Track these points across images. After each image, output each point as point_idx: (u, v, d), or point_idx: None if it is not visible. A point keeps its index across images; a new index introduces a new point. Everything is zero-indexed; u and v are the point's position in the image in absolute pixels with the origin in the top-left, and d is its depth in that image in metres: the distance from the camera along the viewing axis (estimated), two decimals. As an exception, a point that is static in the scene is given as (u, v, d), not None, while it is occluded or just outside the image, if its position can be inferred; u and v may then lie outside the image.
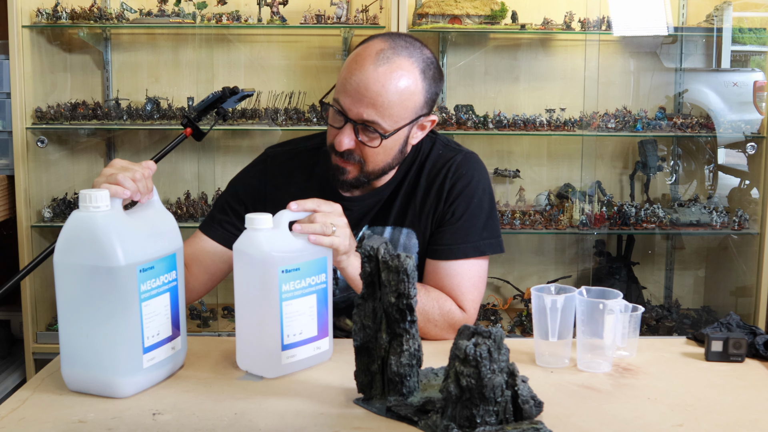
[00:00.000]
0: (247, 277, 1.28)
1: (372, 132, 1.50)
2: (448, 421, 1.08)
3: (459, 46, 3.16)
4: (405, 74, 1.48)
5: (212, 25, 2.97)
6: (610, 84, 3.15)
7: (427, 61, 1.53)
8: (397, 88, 1.47)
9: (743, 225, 2.97)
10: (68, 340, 1.22)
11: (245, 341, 1.32)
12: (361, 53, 1.50)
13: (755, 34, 3.03)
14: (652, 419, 1.16)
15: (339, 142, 1.50)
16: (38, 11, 2.87)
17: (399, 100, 1.48)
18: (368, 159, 1.53)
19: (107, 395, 1.22)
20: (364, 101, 1.47)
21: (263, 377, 1.30)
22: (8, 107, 2.83)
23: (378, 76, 1.46)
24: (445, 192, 1.61)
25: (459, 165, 1.63)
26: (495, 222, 1.64)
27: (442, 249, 1.60)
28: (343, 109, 1.49)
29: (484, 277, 1.63)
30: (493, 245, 1.63)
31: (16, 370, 3.05)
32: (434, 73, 1.54)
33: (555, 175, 3.25)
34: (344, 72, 1.50)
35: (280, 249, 1.28)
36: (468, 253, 1.59)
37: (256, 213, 1.29)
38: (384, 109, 1.47)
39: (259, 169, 1.70)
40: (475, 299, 1.60)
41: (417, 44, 1.54)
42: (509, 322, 3.11)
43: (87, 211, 1.19)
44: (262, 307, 1.28)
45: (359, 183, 1.58)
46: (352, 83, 1.47)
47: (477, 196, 1.62)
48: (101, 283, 1.18)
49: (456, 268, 1.59)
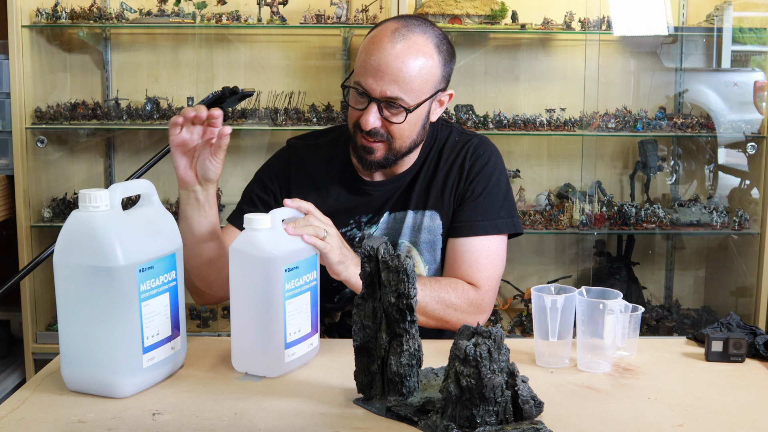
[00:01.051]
0: (248, 277, 1.28)
1: (396, 108, 1.55)
2: (448, 421, 1.07)
3: (459, 46, 3.16)
4: (422, 49, 1.54)
5: (212, 25, 2.97)
6: (610, 84, 3.15)
7: (440, 36, 1.60)
8: (416, 62, 1.53)
9: (743, 225, 2.97)
10: (68, 340, 1.22)
11: (244, 342, 1.31)
12: (377, 35, 1.55)
13: (755, 34, 3.03)
14: (652, 419, 1.16)
15: (365, 122, 1.55)
16: (38, 11, 2.87)
17: (419, 74, 1.53)
18: (395, 135, 1.58)
19: (107, 395, 1.21)
20: (386, 78, 1.52)
21: (264, 377, 1.30)
22: (8, 107, 2.83)
23: (397, 53, 1.51)
24: (465, 171, 1.66)
25: (476, 146, 1.69)
26: (511, 203, 1.69)
27: (462, 226, 1.64)
28: (365, 89, 1.54)
29: (502, 256, 1.66)
30: (509, 224, 1.67)
31: (16, 370, 3.04)
32: (448, 48, 1.61)
33: (555, 175, 3.25)
34: (362, 55, 1.56)
35: (281, 248, 1.28)
36: (487, 229, 1.63)
37: (255, 213, 1.29)
38: (406, 84, 1.52)
39: (284, 157, 1.77)
40: (491, 276, 1.62)
41: (428, 22, 1.60)
42: (509, 322, 3.11)
43: (86, 211, 1.18)
44: (264, 307, 1.27)
45: (387, 162, 1.62)
46: (372, 63, 1.52)
47: (495, 175, 1.67)
48: (101, 283, 1.18)
49: (475, 244, 1.63)
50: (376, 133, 1.57)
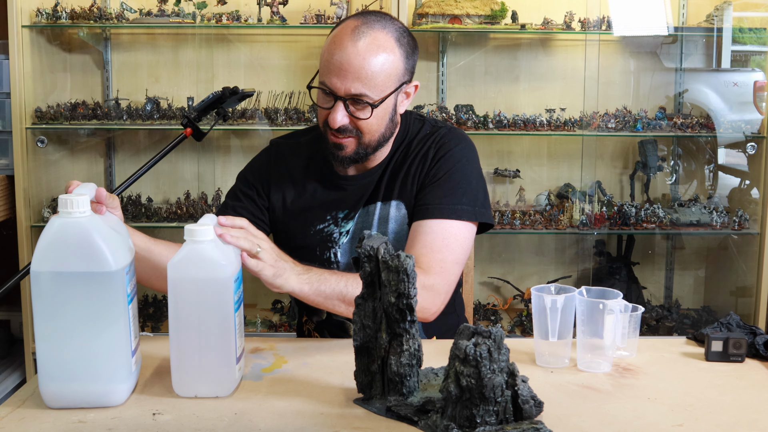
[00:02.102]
0: (196, 292, 1.20)
1: (362, 104, 1.57)
2: (448, 421, 1.08)
3: (459, 46, 3.16)
4: (382, 44, 1.56)
5: (212, 25, 2.97)
6: (610, 84, 3.15)
7: (400, 30, 1.61)
8: (378, 58, 1.55)
9: (743, 225, 2.97)
10: (51, 354, 1.16)
11: (192, 363, 1.22)
12: (338, 34, 1.58)
13: (755, 34, 3.03)
14: (652, 419, 1.16)
15: (333, 120, 1.57)
16: (38, 11, 2.87)
17: (381, 69, 1.55)
18: (363, 130, 1.60)
19: (99, 405, 1.18)
20: (349, 76, 1.54)
21: (217, 397, 1.23)
22: (8, 107, 2.83)
23: (358, 51, 1.54)
24: (429, 159, 1.67)
25: (444, 136, 1.70)
26: (476, 191, 1.64)
27: (419, 209, 1.63)
28: (330, 88, 1.56)
29: (461, 242, 1.60)
30: (470, 212, 1.61)
31: (16, 370, 3.04)
32: (409, 41, 1.62)
33: (555, 175, 3.25)
34: (325, 55, 1.58)
35: (229, 258, 1.23)
36: (443, 213, 1.59)
37: (197, 224, 1.21)
38: (369, 80, 1.54)
39: (265, 155, 1.80)
40: (445, 259, 1.55)
41: (387, 17, 1.62)
42: (509, 322, 3.11)
43: (71, 217, 1.15)
44: (216, 322, 1.21)
45: (358, 156, 1.64)
46: (335, 62, 1.55)
47: (460, 161, 1.66)
48: (93, 289, 1.15)
49: (432, 225, 1.59)
50: (345, 129, 1.59)
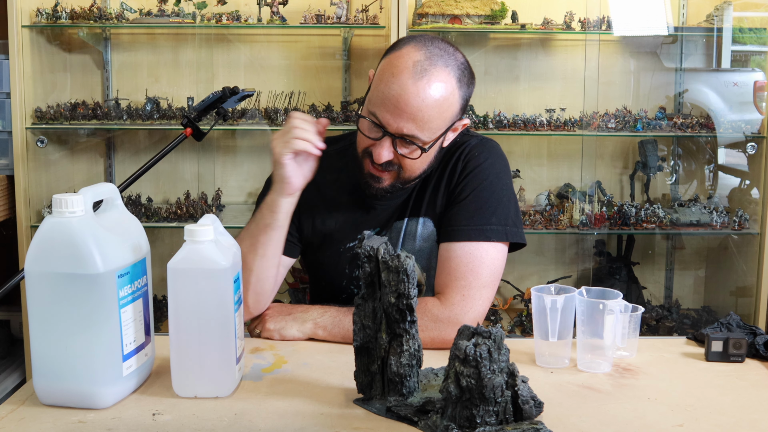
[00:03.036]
0: (196, 292, 1.20)
1: (411, 144, 1.48)
2: (448, 422, 1.08)
3: (459, 46, 3.14)
4: (443, 86, 1.45)
5: (212, 25, 2.97)
6: (610, 84, 3.15)
7: (462, 67, 1.51)
8: (437, 101, 1.45)
9: (743, 225, 2.97)
10: (42, 351, 1.17)
11: (193, 363, 1.22)
12: (396, 65, 1.46)
13: (755, 34, 3.03)
14: (652, 419, 1.16)
15: (378, 155, 1.48)
16: (38, 11, 2.87)
17: (438, 113, 1.46)
18: (406, 167, 1.52)
19: (86, 407, 1.18)
20: (404, 116, 1.44)
21: (217, 397, 1.23)
22: (8, 107, 2.83)
23: (418, 91, 1.43)
24: (457, 173, 1.59)
25: (473, 147, 1.61)
26: (507, 209, 1.56)
27: (446, 231, 1.56)
28: (381, 122, 1.47)
29: (490, 265, 1.52)
30: (500, 232, 1.53)
31: (16, 370, 3.04)
32: (468, 78, 1.53)
33: (555, 175, 3.25)
34: (380, 84, 1.47)
35: (228, 258, 1.22)
36: (471, 235, 1.52)
37: (197, 224, 1.21)
38: (424, 123, 1.45)
39: None
40: (469, 285, 1.49)
41: (450, 49, 1.52)
42: (509, 322, 3.11)
43: (62, 217, 1.14)
44: (215, 322, 1.21)
45: (394, 189, 1.57)
46: (391, 97, 1.44)
47: (488, 179, 1.57)
48: (80, 291, 1.14)
49: (456, 250, 1.52)
50: (388, 164, 1.51)
